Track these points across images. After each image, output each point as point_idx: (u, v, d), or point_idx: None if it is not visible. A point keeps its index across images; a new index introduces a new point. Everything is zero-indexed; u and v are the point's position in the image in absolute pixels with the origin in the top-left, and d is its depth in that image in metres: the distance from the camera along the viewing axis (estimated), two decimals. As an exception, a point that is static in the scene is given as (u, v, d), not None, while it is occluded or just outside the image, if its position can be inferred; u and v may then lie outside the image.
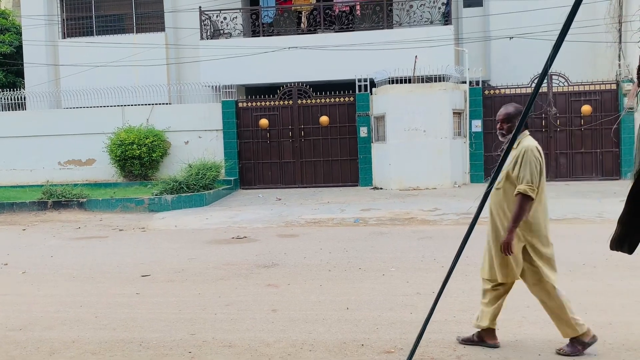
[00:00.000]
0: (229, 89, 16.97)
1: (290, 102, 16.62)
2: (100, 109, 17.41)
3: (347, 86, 16.88)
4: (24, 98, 18.41)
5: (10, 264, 8.19)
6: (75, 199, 13.62)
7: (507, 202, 4.21)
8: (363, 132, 16.17)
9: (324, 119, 16.45)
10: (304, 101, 16.58)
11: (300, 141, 16.65)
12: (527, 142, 4.23)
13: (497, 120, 4.46)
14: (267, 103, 16.73)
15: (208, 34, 17.73)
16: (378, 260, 7.55)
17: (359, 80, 16.15)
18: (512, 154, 4.25)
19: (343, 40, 16.73)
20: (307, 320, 5.20)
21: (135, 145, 15.81)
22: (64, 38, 19.51)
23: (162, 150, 16.45)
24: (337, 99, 16.52)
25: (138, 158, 15.97)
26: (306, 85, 16.64)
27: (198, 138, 16.86)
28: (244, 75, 17.27)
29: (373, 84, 16.36)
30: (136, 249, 9.14)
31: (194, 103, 17.47)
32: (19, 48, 20.27)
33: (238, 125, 16.76)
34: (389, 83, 15.75)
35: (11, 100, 18.09)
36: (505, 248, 4.11)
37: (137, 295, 6.25)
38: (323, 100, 16.56)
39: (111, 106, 17.44)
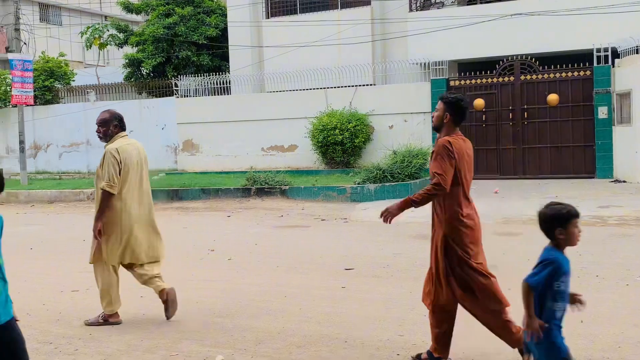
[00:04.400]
0: (439, 65, 16.92)
1: (511, 78, 16.08)
2: (303, 92, 18.51)
3: (581, 58, 15.83)
4: (229, 82, 20.26)
5: (216, 250, 9.13)
6: (277, 187, 14.70)
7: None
8: (602, 112, 15.07)
9: (553, 98, 15.65)
10: (528, 77, 15.94)
11: (523, 124, 16.05)
12: (112, 144, 5.65)
13: (96, 124, 5.75)
14: (484, 80, 16.39)
15: (418, 4, 17.84)
16: (620, 267, 7.06)
17: (598, 51, 15.06)
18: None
19: (577, 3, 15.68)
20: (531, 331, 5.04)
21: (337, 130, 16.54)
22: (268, 18, 21.04)
23: (365, 135, 16.99)
24: (569, 74, 15.60)
25: (340, 144, 16.68)
26: (531, 58, 15.97)
27: (403, 122, 17.10)
28: (457, 49, 17.07)
29: (615, 55, 15.13)
30: (338, 241, 9.60)
31: (400, 83, 17.73)
32: (224, 31, 22.31)
33: (449, 107, 16.62)
34: (637, 53, 14.43)
35: (217, 84, 20.03)
36: (94, 234, 5.57)
37: (342, 290, 6.58)
38: (551, 75, 15.76)
39: (314, 89, 18.43)
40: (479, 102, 16.27)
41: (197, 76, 20.80)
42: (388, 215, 4.31)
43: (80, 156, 22.34)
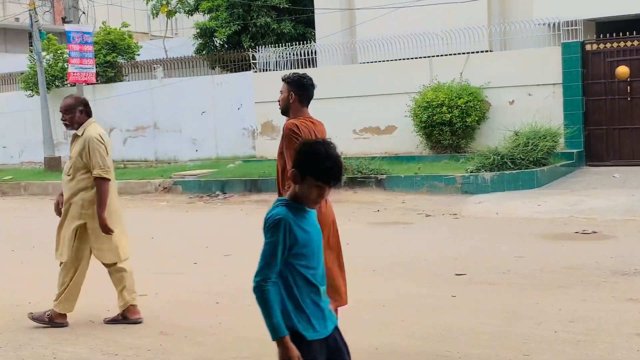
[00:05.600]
0: (571, 26, 16.39)
1: (664, 40, 15.45)
2: (402, 62, 18.37)
3: None
4: (315, 52, 20.36)
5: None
6: (372, 176, 14.72)
7: (81, 188, 6.12)
8: None
9: None
10: (686, 38, 15.27)
11: (679, 97, 15.42)
12: (91, 131, 6.15)
13: (60, 112, 6.27)
14: (628, 43, 15.82)
15: (543, -48, 17.30)
16: None
17: None
18: (79, 142, 6.14)
19: None
20: (691, 353, 4.87)
21: (444, 108, 16.35)
22: (361, -26, 20.97)
23: (479, 113, 16.71)
24: None
25: (448, 124, 16.48)
26: (689, 15, 15.25)
27: (527, 96, 16.71)
28: (594, 5, 16.47)
29: None
30: (447, 240, 9.53)
31: (523, 49, 17.29)
32: (310, -8, 22.45)
33: (584, 77, 16.16)
34: None
35: (300, 55, 20.17)
36: (105, 229, 6.02)
37: (452, 299, 6.55)
38: None
39: (416, 58, 18.26)
40: (623, 70, 15.64)
41: (278, 46, 21.02)
42: None
43: (146, 142, 23.00)
